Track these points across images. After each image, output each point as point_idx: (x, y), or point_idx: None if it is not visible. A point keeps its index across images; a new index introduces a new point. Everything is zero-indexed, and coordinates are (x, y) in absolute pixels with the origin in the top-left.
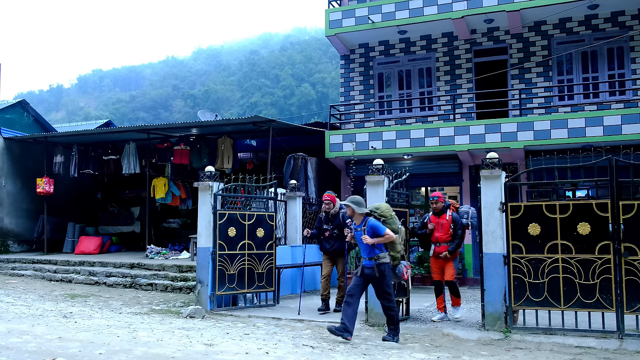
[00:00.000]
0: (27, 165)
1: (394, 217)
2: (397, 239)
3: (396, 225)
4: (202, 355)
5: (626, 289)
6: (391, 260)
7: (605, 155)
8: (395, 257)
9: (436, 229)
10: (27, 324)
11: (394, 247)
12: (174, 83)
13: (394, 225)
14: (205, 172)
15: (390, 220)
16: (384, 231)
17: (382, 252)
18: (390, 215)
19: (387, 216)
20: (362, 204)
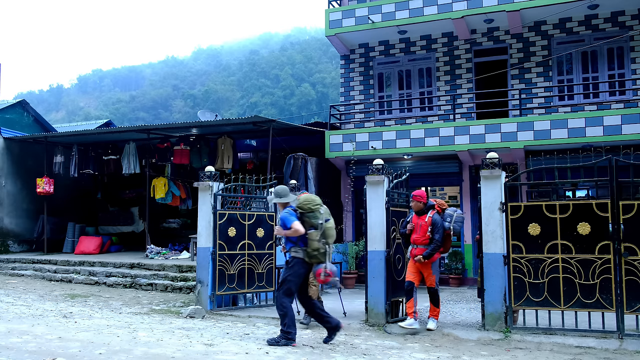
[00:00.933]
0: (27, 165)
1: (315, 211)
2: (315, 235)
3: (316, 220)
4: (202, 355)
5: (626, 289)
6: (307, 257)
7: (605, 155)
8: (311, 254)
9: (415, 230)
10: (27, 324)
11: (310, 244)
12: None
13: (312, 219)
14: (205, 172)
15: (310, 215)
16: (290, 224)
17: (296, 246)
18: (309, 208)
19: (305, 209)
20: (282, 194)
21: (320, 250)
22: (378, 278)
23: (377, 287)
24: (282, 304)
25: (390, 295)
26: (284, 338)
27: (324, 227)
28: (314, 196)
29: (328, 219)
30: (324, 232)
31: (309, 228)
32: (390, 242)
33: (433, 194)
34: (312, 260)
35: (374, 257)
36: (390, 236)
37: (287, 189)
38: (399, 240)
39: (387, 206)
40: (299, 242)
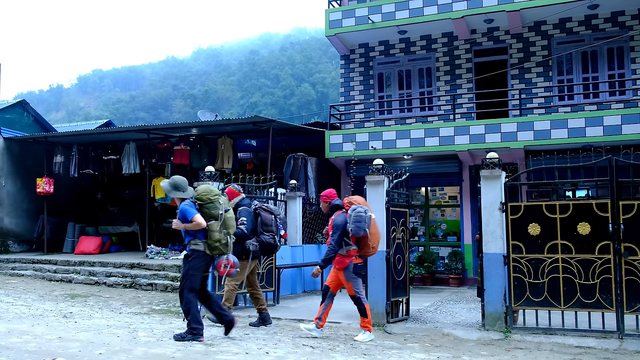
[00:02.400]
0: (27, 165)
1: (215, 202)
2: (215, 225)
3: (216, 211)
4: (202, 355)
5: (626, 289)
6: (208, 249)
7: (605, 155)
8: (213, 246)
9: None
10: (27, 324)
11: (210, 236)
12: (174, 83)
13: (212, 210)
14: (205, 172)
15: (209, 205)
16: (191, 217)
17: (196, 238)
18: (208, 199)
19: (204, 200)
20: (175, 186)
21: (221, 241)
22: (378, 278)
23: (377, 287)
24: (187, 299)
25: (391, 295)
26: (189, 333)
27: (225, 217)
28: (212, 187)
29: (227, 209)
30: (225, 222)
31: (208, 219)
32: (390, 242)
33: (433, 194)
34: (213, 252)
35: (374, 257)
36: (390, 236)
37: (186, 180)
38: (399, 240)
39: (387, 206)
40: (198, 235)
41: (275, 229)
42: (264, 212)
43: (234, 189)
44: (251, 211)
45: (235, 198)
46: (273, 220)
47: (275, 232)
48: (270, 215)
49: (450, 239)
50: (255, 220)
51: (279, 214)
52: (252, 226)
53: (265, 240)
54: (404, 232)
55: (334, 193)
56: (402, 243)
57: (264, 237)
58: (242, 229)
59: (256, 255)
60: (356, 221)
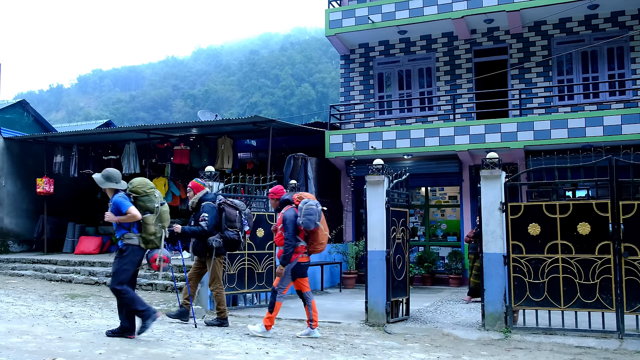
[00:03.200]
0: (27, 165)
1: (150, 195)
2: (151, 219)
3: (152, 204)
4: (202, 355)
5: (626, 289)
6: (143, 243)
7: (605, 155)
8: (147, 239)
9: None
10: (27, 324)
11: (145, 229)
12: (174, 83)
13: (148, 203)
14: (205, 172)
15: (145, 198)
16: (126, 209)
17: (130, 232)
18: (143, 192)
19: (140, 193)
20: (108, 177)
21: (157, 234)
22: (378, 278)
23: (377, 287)
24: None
25: (391, 295)
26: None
27: (160, 210)
28: (147, 180)
29: (163, 202)
30: (160, 215)
31: (144, 212)
32: (390, 242)
33: (433, 194)
34: (148, 246)
35: (374, 257)
36: (390, 236)
37: (118, 172)
38: (399, 240)
39: (387, 206)
40: (132, 228)
41: (239, 225)
42: (229, 207)
43: (198, 182)
44: (215, 206)
45: (199, 192)
46: (237, 215)
47: (240, 228)
48: (235, 210)
49: (450, 239)
50: (220, 216)
51: (244, 210)
52: (215, 222)
53: (229, 236)
54: (404, 232)
55: (281, 189)
56: (402, 243)
57: (228, 233)
58: (202, 226)
59: (220, 251)
60: (307, 214)
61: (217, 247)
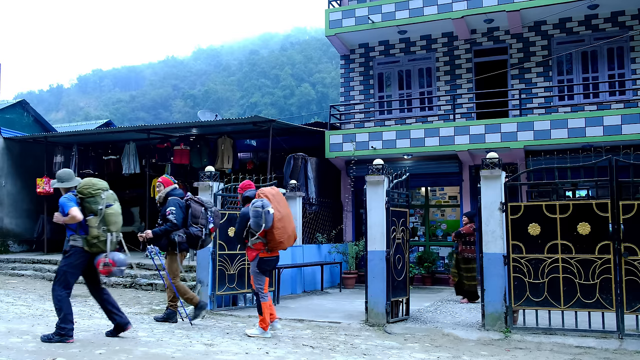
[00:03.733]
0: (27, 165)
1: (95, 196)
2: (94, 221)
3: (97, 206)
4: (202, 355)
5: (626, 289)
6: (87, 246)
7: (605, 155)
8: (91, 242)
9: None
10: (27, 324)
11: (89, 231)
12: (174, 83)
13: (92, 205)
14: (205, 172)
15: (90, 200)
16: (67, 210)
17: (76, 234)
18: (88, 193)
19: (85, 194)
20: (64, 177)
21: (100, 238)
22: (378, 278)
23: (377, 287)
24: (58, 297)
25: (391, 295)
26: (57, 334)
27: (104, 212)
28: (97, 180)
29: (110, 204)
30: (104, 218)
31: (89, 214)
32: (390, 242)
33: (433, 194)
34: (92, 250)
35: (374, 257)
36: (390, 236)
37: (72, 172)
38: (399, 240)
39: (387, 206)
40: (79, 230)
41: (204, 222)
42: (195, 203)
43: (167, 177)
44: (181, 202)
45: (167, 188)
46: (203, 212)
47: (204, 225)
48: (201, 207)
49: (450, 239)
50: (186, 212)
51: (210, 207)
52: (181, 217)
53: (192, 232)
54: (404, 232)
55: (247, 184)
56: (402, 243)
57: (192, 229)
58: (170, 220)
59: (183, 247)
60: (253, 216)
61: (179, 242)
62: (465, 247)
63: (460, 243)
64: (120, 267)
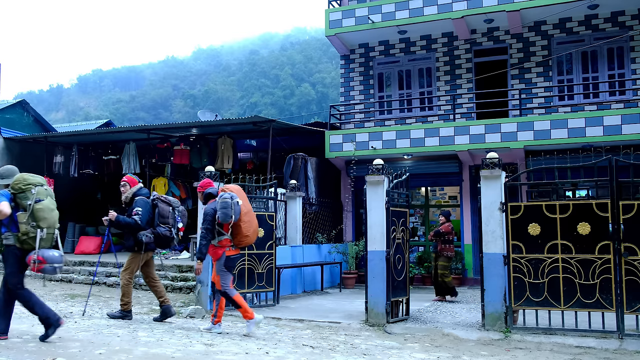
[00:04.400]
0: (27, 165)
1: (26, 191)
2: (22, 217)
3: (26, 201)
4: (202, 355)
5: (626, 289)
6: (18, 243)
7: (605, 155)
8: (21, 239)
9: None
10: (27, 324)
11: (19, 227)
12: (174, 83)
13: (23, 200)
14: (205, 172)
15: (20, 195)
16: None
17: (9, 231)
18: (19, 188)
19: (16, 190)
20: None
21: (29, 234)
22: (378, 278)
23: (377, 287)
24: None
25: (391, 295)
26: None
27: (33, 208)
28: (30, 175)
29: (41, 199)
30: (33, 213)
31: (19, 210)
32: (390, 242)
33: (433, 194)
34: (24, 246)
35: (374, 257)
36: (390, 236)
37: (13, 168)
38: (399, 240)
39: (387, 206)
40: (10, 227)
41: (172, 221)
42: (162, 203)
43: (133, 177)
44: (148, 201)
45: (133, 187)
46: (170, 212)
47: (172, 225)
48: (168, 207)
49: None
50: (153, 212)
51: (177, 206)
52: (148, 217)
53: (161, 232)
54: (404, 232)
55: (207, 182)
56: (402, 243)
57: (160, 229)
58: (135, 219)
59: (150, 247)
60: (222, 207)
61: (147, 242)
62: (444, 245)
63: (439, 242)
64: (53, 265)
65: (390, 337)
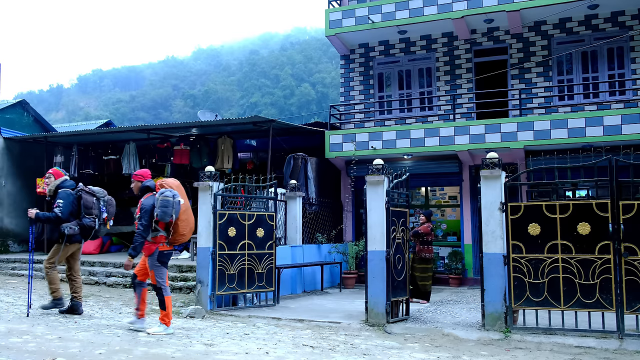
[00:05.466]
0: (27, 165)
1: None
2: None
3: None
4: (202, 355)
5: (626, 289)
6: None
7: (605, 155)
8: None
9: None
10: (27, 324)
11: None
12: (174, 83)
13: None
14: (205, 172)
15: None
16: None
17: None
18: None
19: None
20: None
21: None
22: (378, 278)
23: (377, 287)
24: None
25: (391, 295)
26: None
27: None
28: None
29: None
30: None
31: None
32: (390, 242)
33: (433, 194)
34: None
35: (374, 257)
36: (390, 236)
37: None
38: (399, 240)
39: (387, 206)
40: None
41: (96, 212)
42: (86, 194)
43: (58, 169)
44: (71, 193)
45: (57, 180)
46: (95, 202)
47: (98, 215)
48: (92, 197)
49: (450, 239)
50: (78, 203)
51: (102, 197)
52: (71, 209)
53: (86, 223)
54: (404, 232)
55: (148, 173)
56: (402, 243)
57: (85, 220)
58: (55, 212)
59: (76, 239)
60: (162, 206)
61: (70, 234)
62: (423, 246)
63: (417, 243)
64: None
65: (390, 337)
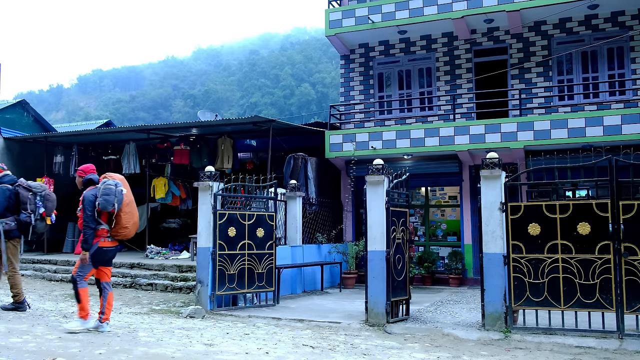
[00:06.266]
0: (27, 165)
1: None
2: None
3: None
4: (202, 355)
5: (626, 289)
6: None
7: (605, 155)
8: None
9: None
10: (27, 324)
11: None
12: (174, 83)
13: None
14: (205, 172)
15: None
16: None
17: None
18: None
19: None
20: None
21: None
22: (378, 278)
23: (377, 287)
24: None
25: (391, 295)
26: None
27: None
28: None
29: None
30: None
31: None
32: (390, 242)
33: (433, 194)
34: None
35: (374, 257)
36: (390, 236)
37: None
38: (399, 240)
39: (387, 206)
40: None
41: (32, 207)
42: (23, 190)
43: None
44: (7, 189)
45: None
46: (30, 198)
47: (33, 210)
48: (28, 192)
49: (450, 239)
50: (16, 199)
51: (39, 192)
52: (7, 204)
53: (22, 219)
54: (404, 232)
55: (91, 168)
56: (402, 243)
57: (21, 215)
58: None
59: (13, 234)
60: (104, 194)
61: (6, 229)
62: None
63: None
64: None
65: (390, 337)
